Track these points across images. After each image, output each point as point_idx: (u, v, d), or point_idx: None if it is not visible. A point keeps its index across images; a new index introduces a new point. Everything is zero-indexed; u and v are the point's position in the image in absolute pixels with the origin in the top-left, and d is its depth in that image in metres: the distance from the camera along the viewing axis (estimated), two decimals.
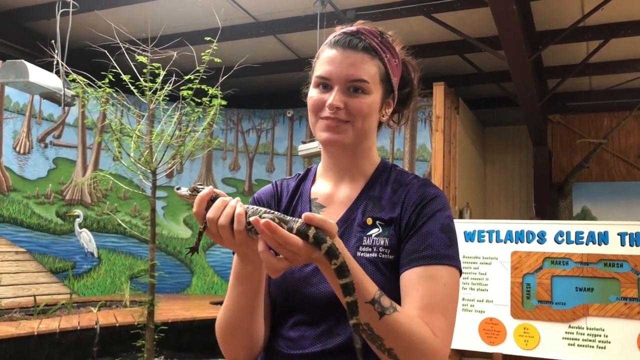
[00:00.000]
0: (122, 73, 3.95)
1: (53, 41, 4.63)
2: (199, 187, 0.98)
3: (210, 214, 0.94)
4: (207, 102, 4.10)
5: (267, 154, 8.56)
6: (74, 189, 7.20)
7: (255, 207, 0.94)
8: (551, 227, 3.27)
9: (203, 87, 3.97)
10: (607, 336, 3.02)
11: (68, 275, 6.95)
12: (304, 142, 5.86)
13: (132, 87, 3.91)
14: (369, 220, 1.13)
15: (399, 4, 5.48)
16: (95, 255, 7.31)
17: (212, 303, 6.69)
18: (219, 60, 3.94)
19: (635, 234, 3.05)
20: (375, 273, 1.06)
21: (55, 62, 4.59)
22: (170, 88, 3.95)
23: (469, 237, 3.45)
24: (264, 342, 1.16)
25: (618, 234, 3.10)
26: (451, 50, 6.39)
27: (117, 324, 5.20)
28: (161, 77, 3.92)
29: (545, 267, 3.21)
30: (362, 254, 1.09)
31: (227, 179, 8.43)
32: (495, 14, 4.24)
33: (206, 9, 5.52)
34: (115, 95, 4.10)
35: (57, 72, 4.59)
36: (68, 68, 4.19)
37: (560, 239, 3.21)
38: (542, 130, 7.08)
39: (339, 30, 1.18)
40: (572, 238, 3.18)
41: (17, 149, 6.63)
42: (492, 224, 3.43)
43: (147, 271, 4.04)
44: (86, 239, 7.19)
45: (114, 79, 3.97)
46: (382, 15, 5.51)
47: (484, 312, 3.34)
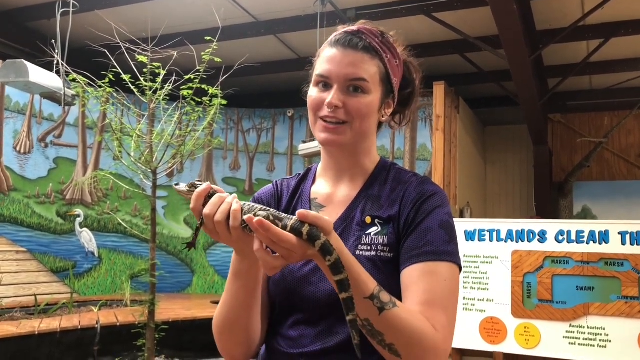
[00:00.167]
0: (122, 73, 3.95)
1: (53, 41, 4.63)
2: (197, 183, 0.99)
3: (207, 210, 0.94)
4: (208, 102, 4.10)
5: (268, 153, 8.56)
6: (74, 189, 7.20)
7: (252, 204, 0.94)
8: (552, 226, 3.27)
9: (203, 86, 3.97)
10: (607, 335, 3.02)
11: (69, 275, 6.96)
12: (304, 142, 5.86)
13: (132, 87, 3.90)
14: (368, 219, 1.13)
15: (399, 3, 5.48)
16: (96, 254, 7.32)
17: (213, 302, 6.69)
18: (219, 60, 3.94)
19: (636, 233, 3.05)
20: (374, 271, 1.06)
21: (55, 62, 4.60)
22: (170, 88, 3.95)
23: (469, 236, 3.44)
24: (261, 340, 1.16)
25: (619, 233, 3.10)
26: (451, 50, 6.39)
27: (118, 324, 5.20)
28: (161, 77, 3.92)
29: (546, 266, 3.21)
30: (361, 253, 1.09)
31: (228, 179, 8.43)
32: (495, 13, 4.24)
33: (206, 9, 5.52)
34: (115, 94, 4.10)
35: (58, 72, 4.59)
36: (68, 68, 4.19)
37: (560, 238, 3.21)
38: (542, 129, 7.08)
39: (340, 30, 1.18)
40: (573, 237, 3.18)
41: (18, 149, 6.63)
42: (492, 223, 3.43)
43: (147, 270, 4.04)
44: (87, 238, 7.20)
45: (114, 79, 3.97)
46: (382, 15, 5.51)
47: (484, 311, 3.34)
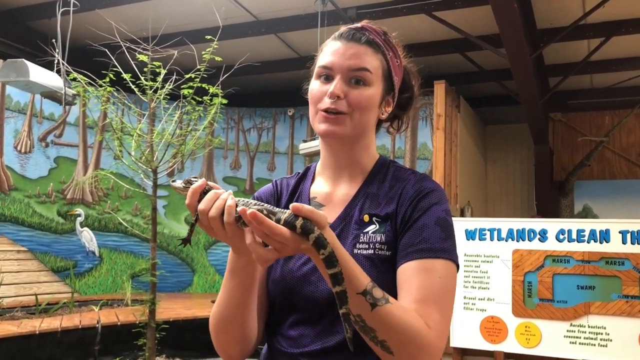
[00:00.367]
0: (122, 72, 3.95)
1: (54, 40, 4.63)
2: (192, 179, 0.99)
3: (202, 206, 0.94)
4: (208, 101, 4.09)
5: (268, 152, 8.56)
6: (75, 188, 7.21)
7: (247, 200, 0.94)
8: (552, 225, 3.27)
9: (204, 85, 3.97)
10: (608, 334, 3.02)
11: (69, 274, 6.96)
12: (304, 141, 5.85)
13: (132, 86, 3.90)
14: (366, 217, 1.12)
15: (399, 2, 5.47)
16: (97, 254, 7.32)
17: (214, 302, 6.63)
18: (219, 59, 3.93)
19: (637, 232, 3.05)
20: (373, 270, 1.06)
21: (56, 61, 4.59)
22: (171, 87, 3.94)
23: (470, 235, 3.44)
24: (258, 339, 1.15)
25: (619, 232, 3.09)
26: (452, 49, 6.39)
27: (119, 323, 5.20)
28: (162, 76, 3.92)
29: (547, 265, 3.21)
30: (358, 251, 1.09)
31: (228, 178, 8.43)
32: (496, 11, 4.24)
33: (207, 8, 5.52)
34: (116, 94, 4.10)
35: (58, 71, 4.59)
36: (69, 67, 4.19)
37: (561, 237, 3.20)
38: (543, 128, 7.07)
39: (344, 27, 1.18)
40: (574, 236, 3.18)
41: (18, 148, 6.63)
42: (493, 222, 3.42)
43: (148, 270, 4.04)
44: (87, 238, 7.20)
45: (114, 78, 3.96)
46: (383, 14, 5.51)
47: (485, 310, 3.34)
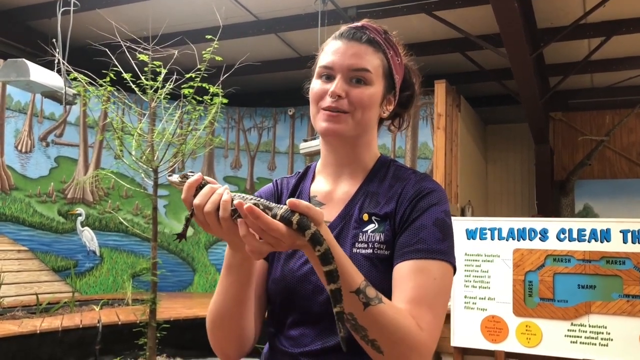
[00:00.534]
0: (123, 71, 3.94)
1: (54, 40, 4.63)
2: (189, 174, 0.98)
3: (197, 201, 0.94)
4: (209, 101, 4.09)
5: (269, 152, 8.56)
6: (75, 188, 7.21)
7: (243, 195, 0.93)
8: (553, 224, 3.26)
9: (204, 85, 3.97)
10: (609, 334, 3.01)
11: (70, 274, 6.96)
12: (305, 140, 5.85)
13: (133, 86, 3.90)
14: (365, 216, 1.12)
15: (400, 1, 5.47)
16: (97, 253, 7.32)
17: None
18: (220, 59, 3.93)
19: (638, 231, 3.05)
20: (372, 269, 1.05)
21: (56, 61, 4.59)
22: (171, 86, 3.94)
23: (470, 234, 3.44)
24: (255, 339, 1.15)
25: (620, 232, 3.09)
26: (452, 48, 6.39)
27: (120, 322, 5.20)
28: (162, 76, 3.92)
29: (548, 265, 3.21)
30: (357, 250, 1.08)
31: (229, 177, 8.43)
32: (496, 11, 4.23)
33: (207, 8, 5.52)
34: (116, 93, 4.10)
35: (59, 71, 4.59)
36: (69, 67, 4.19)
37: (562, 236, 3.20)
38: (543, 128, 7.07)
39: (344, 27, 1.18)
40: (574, 235, 3.17)
41: (19, 148, 6.64)
42: (494, 222, 3.42)
43: (149, 269, 4.05)
44: (88, 237, 7.20)
45: (115, 78, 3.96)
46: (383, 13, 5.51)
47: (486, 309, 3.33)
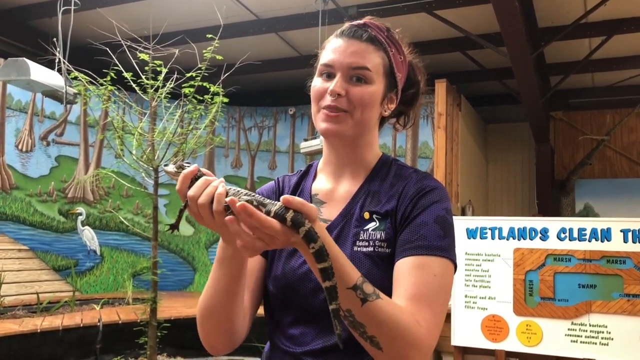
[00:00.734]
0: (124, 71, 3.94)
1: (55, 39, 4.63)
2: (185, 164, 0.97)
3: (191, 192, 0.92)
4: (209, 100, 4.10)
5: (269, 151, 8.56)
6: (76, 187, 7.21)
7: (238, 189, 0.92)
8: (554, 223, 3.26)
9: (205, 84, 3.97)
10: (610, 333, 3.01)
11: (71, 273, 6.96)
12: (305, 140, 5.86)
13: (134, 85, 3.91)
14: (366, 215, 1.12)
15: (400, 0, 5.46)
16: (98, 252, 7.33)
17: None
18: (220, 58, 3.93)
19: (638, 230, 3.04)
20: (373, 267, 1.05)
21: (57, 60, 4.59)
22: (172, 85, 3.95)
23: (471, 234, 3.44)
24: (244, 334, 1.13)
25: (621, 231, 3.08)
26: (453, 47, 6.38)
27: (120, 322, 5.21)
28: (163, 75, 3.92)
29: (548, 264, 3.21)
30: (358, 249, 1.08)
31: (229, 177, 8.43)
32: (497, 10, 4.23)
33: (208, 7, 5.52)
34: (117, 92, 4.10)
35: (59, 70, 4.59)
36: (70, 66, 4.19)
37: (562, 235, 3.20)
38: (544, 127, 7.07)
39: (347, 24, 1.18)
40: (575, 235, 3.17)
41: (20, 147, 6.64)
42: (494, 221, 3.42)
43: (149, 269, 4.05)
44: (89, 236, 7.21)
45: (115, 77, 3.96)
46: (383, 12, 5.50)
47: (486, 309, 3.33)
